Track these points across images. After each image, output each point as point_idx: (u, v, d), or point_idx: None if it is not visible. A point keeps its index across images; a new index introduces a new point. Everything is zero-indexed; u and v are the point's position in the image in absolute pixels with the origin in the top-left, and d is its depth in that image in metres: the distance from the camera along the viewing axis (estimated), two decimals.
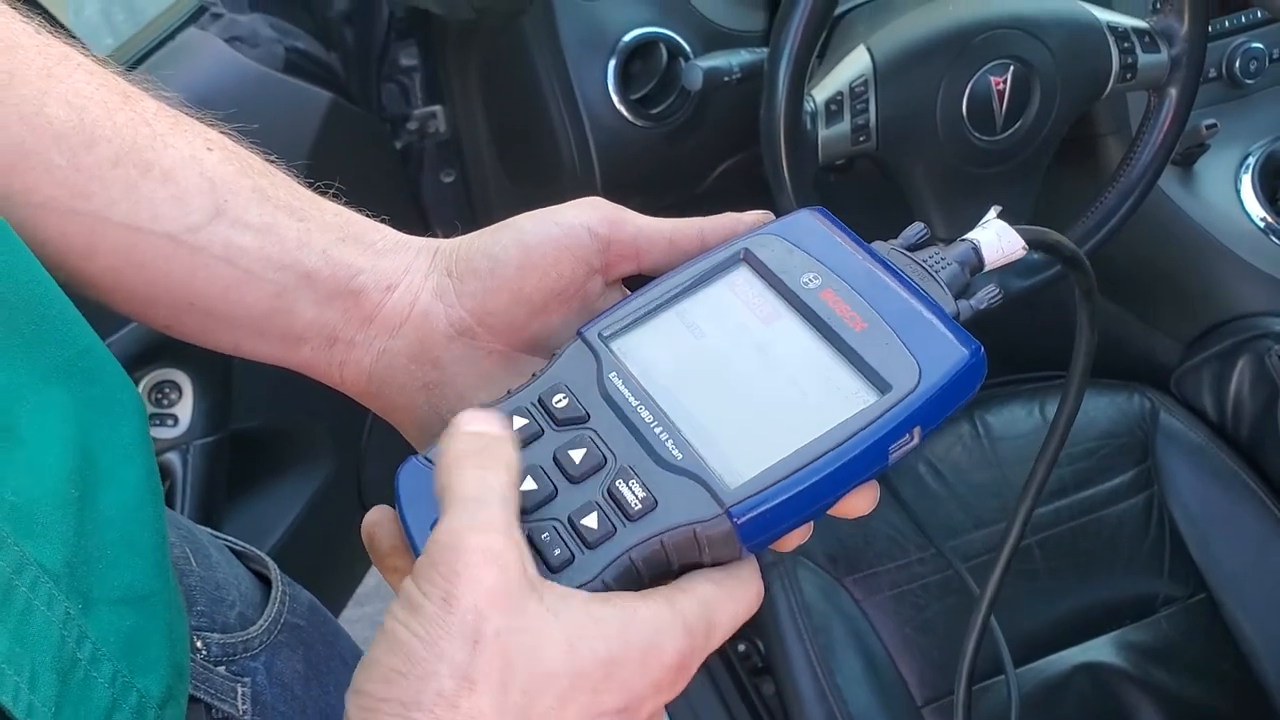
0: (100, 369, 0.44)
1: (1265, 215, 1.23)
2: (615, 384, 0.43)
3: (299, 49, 1.11)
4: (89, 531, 0.40)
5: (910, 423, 0.41)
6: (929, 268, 0.46)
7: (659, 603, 0.39)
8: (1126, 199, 1.08)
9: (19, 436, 0.39)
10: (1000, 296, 0.46)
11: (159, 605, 0.43)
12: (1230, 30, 1.26)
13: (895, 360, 0.42)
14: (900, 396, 0.41)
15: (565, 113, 1.13)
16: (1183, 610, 1.20)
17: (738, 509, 0.39)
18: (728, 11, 1.14)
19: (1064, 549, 1.21)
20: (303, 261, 0.47)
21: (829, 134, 1.00)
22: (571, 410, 0.43)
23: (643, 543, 0.40)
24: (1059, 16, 1.03)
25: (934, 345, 0.42)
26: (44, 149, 0.45)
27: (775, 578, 1.17)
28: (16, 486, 0.38)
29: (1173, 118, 1.06)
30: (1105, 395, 1.26)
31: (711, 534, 0.40)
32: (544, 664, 0.36)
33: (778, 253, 0.46)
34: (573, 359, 0.45)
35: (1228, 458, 1.22)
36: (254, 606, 0.58)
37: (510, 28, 1.16)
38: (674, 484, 0.40)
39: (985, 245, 0.47)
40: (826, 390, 0.42)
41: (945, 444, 1.25)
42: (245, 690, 0.54)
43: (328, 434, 1.17)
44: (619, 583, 0.40)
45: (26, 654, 0.37)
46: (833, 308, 0.44)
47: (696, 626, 0.39)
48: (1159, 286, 1.31)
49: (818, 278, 0.45)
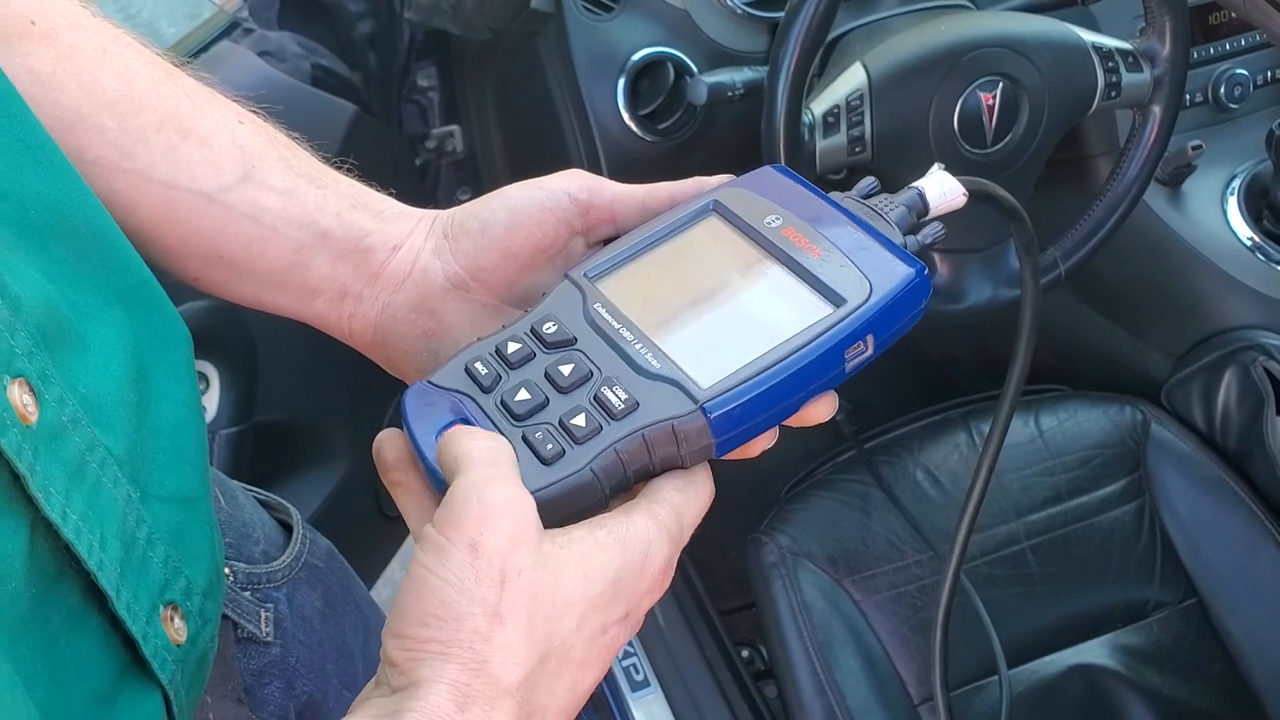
0: (155, 300, 0.49)
1: (1251, 234, 1.27)
2: (599, 311, 0.49)
3: (324, 66, 1.17)
4: (144, 435, 0.45)
5: (863, 330, 0.46)
6: (879, 210, 0.51)
7: (643, 517, 0.44)
8: (1113, 212, 1.13)
9: (87, 344, 0.44)
10: (943, 233, 0.51)
11: (202, 510, 0.48)
12: (1215, 57, 1.31)
13: (848, 279, 0.47)
14: (853, 308, 0.46)
15: (577, 127, 1.18)
16: (1174, 614, 1.23)
17: (710, 405, 0.44)
18: (731, 33, 1.20)
19: (1058, 554, 1.24)
20: (319, 222, 0.52)
21: (826, 145, 1.05)
22: (560, 334, 0.48)
23: (626, 437, 0.44)
24: (1046, 37, 1.09)
25: (882, 266, 0.48)
26: (98, 114, 0.51)
27: (776, 578, 1.20)
28: (87, 383, 0.43)
29: (1156, 134, 1.11)
30: (1098, 407, 1.30)
31: (688, 429, 0.44)
32: (563, 593, 0.41)
33: (743, 201, 0.52)
34: (560, 295, 0.50)
35: (1217, 467, 1.25)
36: (277, 546, 0.63)
37: (525, 48, 1.22)
38: (653, 388, 0.45)
39: (929, 190, 0.52)
40: (787, 307, 0.47)
41: (942, 452, 1.29)
42: (269, 615, 0.58)
43: (346, 433, 1.22)
44: (606, 474, 0.44)
45: (98, 520, 0.41)
46: (792, 240, 0.49)
47: (673, 531, 0.44)
48: (1149, 302, 1.35)
49: (779, 219, 0.50)
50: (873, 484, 1.27)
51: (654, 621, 1.34)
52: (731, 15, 1.20)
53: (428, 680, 0.38)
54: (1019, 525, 1.25)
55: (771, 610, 1.20)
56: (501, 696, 0.38)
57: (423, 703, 0.38)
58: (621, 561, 0.42)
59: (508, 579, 0.39)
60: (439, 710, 0.37)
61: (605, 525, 0.43)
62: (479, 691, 0.38)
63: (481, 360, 0.48)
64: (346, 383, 1.19)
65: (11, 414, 0.38)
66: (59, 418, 0.41)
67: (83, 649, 0.41)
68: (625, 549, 0.42)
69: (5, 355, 0.39)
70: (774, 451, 0.49)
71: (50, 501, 0.39)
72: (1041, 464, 1.28)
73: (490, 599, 0.39)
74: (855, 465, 1.30)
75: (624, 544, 0.43)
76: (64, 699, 0.39)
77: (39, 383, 0.40)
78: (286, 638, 0.59)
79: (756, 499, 1.33)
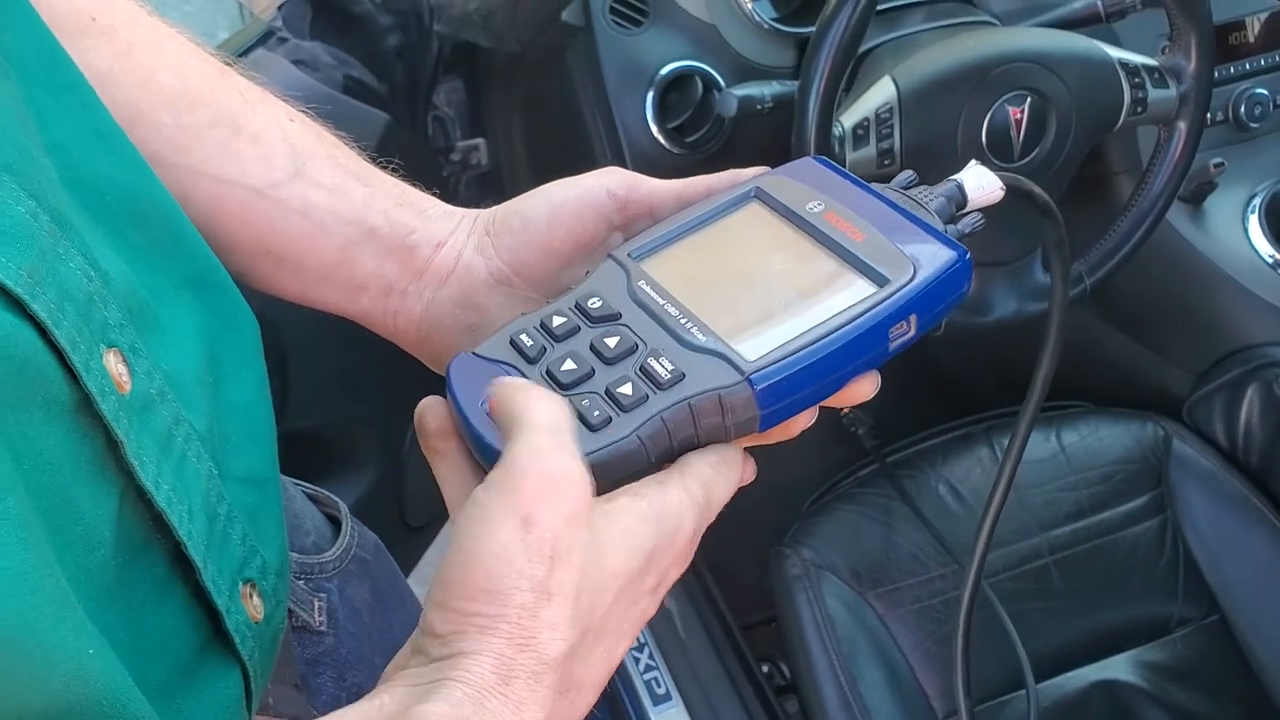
0: (224, 286, 0.50)
1: (1273, 251, 1.28)
2: (644, 289, 0.49)
3: (354, 77, 1.18)
4: (220, 415, 0.46)
5: (907, 310, 0.47)
6: (919, 200, 0.51)
7: (677, 490, 0.44)
8: (1139, 226, 1.13)
9: (163, 325, 0.44)
10: (983, 222, 0.52)
11: (273, 492, 0.48)
12: (1235, 76, 1.33)
13: (892, 260, 0.48)
14: (897, 287, 0.47)
15: (606, 140, 1.19)
16: (1197, 631, 1.23)
17: (757, 376, 0.45)
18: (759, 48, 1.21)
19: (1081, 569, 1.24)
20: (367, 219, 0.53)
21: (856, 157, 1.06)
22: (605, 309, 0.48)
23: (673, 405, 0.45)
24: (1073, 52, 1.10)
25: (926, 249, 0.48)
26: (154, 109, 0.52)
27: (800, 590, 1.20)
28: (168, 360, 0.43)
29: (1182, 150, 1.12)
30: (1120, 423, 1.30)
31: (734, 399, 0.45)
32: (607, 569, 0.41)
33: (785, 187, 0.52)
34: (605, 273, 0.50)
35: (1239, 483, 1.25)
36: (326, 539, 0.63)
37: (553, 61, 1.23)
38: (699, 360, 0.46)
39: (968, 183, 0.53)
40: (832, 288, 0.48)
41: (965, 467, 1.29)
42: (321, 604, 0.59)
43: (372, 443, 1.22)
44: (651, 442, 0.44)
45: (185, 492, 0.42)
46: (834, 224, 0.50)
47: (703, 505, 0.44)
48: (1171, 320, 1.36)
49: (820, 204, 0.51)
50: (895, 497, 1.27)
51: (675, 634, 1.34)
52: (759, 30, 1.21)
53: (471, 652, 0.38)
54: (1042, 540, 1.25)
55: (795, 623, 1.20)
56: (545, 670, 0.38)
57: (467, 674, 0.37)
58: (658, 534, 0.42)
59: (558, 556, 0.39)
60: (483, 682, 0.37)
61: (645, 496, 0.43)
62: (523, 665, 0.38)
63: (527, 333, 0.48)
64: (374, 392, 1.19)
65: (109, 382, 0.39)
66: (148, 390, 0.41)
67: (167, 620, 0.41)
68: (661, 521, 0.43)
69: (100, 326, 0.40)
70: (795, 466, 0.50)
71: (144, 470, 0.40)
72: (1064, 479, 1.28)
73: (539, 575, 0.39)
74: (878, 478, 1.30)
75: (660, 516, 0.43)
76: (146, 668, 0.39)
77: (130, 354, 0.40)
78: (338, 628, 0.60)
79: (777, 514, 1.33)
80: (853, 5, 0.99)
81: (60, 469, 0.36)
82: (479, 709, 0.37)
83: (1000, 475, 0.86)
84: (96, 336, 0.39)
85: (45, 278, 0.37)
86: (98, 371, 0.39)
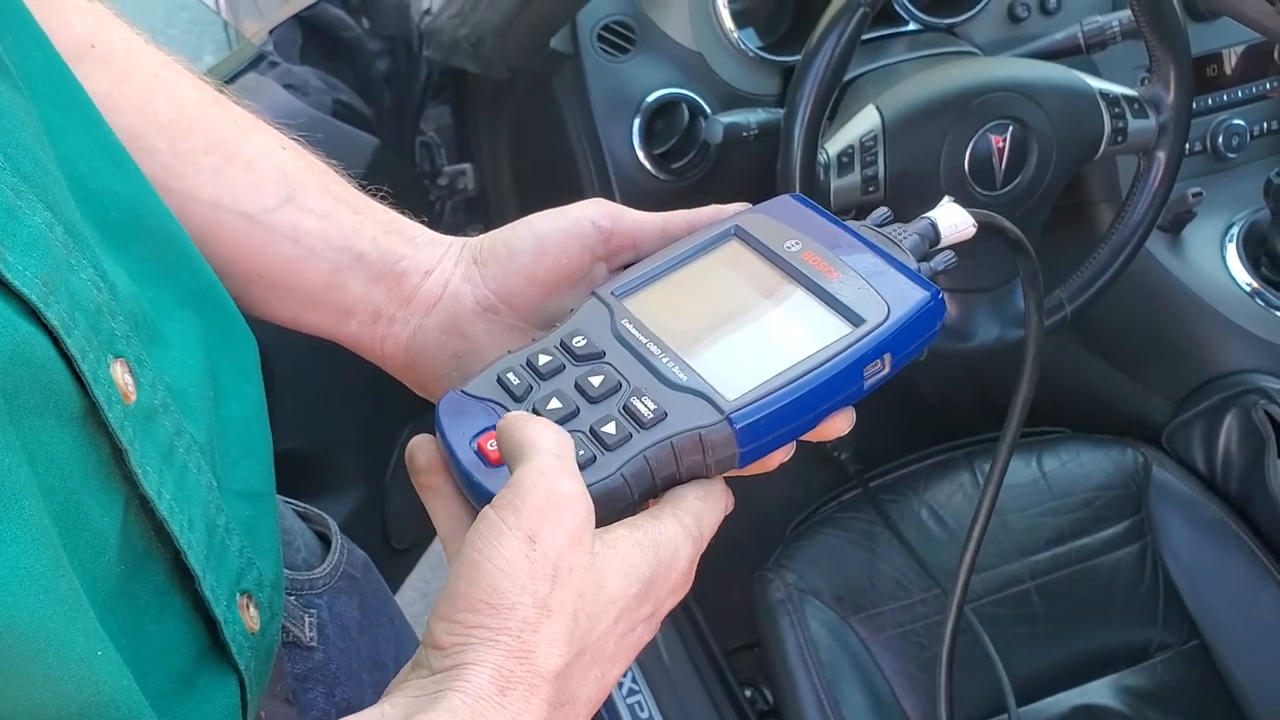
0: (224, 303, 0.50)
1: (1250, 280, 1.30)
2: (626, 328, 0.50)
3: (343, 101, 1.19)
4: (219, 429, 0.46)
5: (881, 349, 0.48)
6: (893, 238, 0.53)
7: (670, 521, 0.45)
8: (1119, 254, 1.15)
9: (167, 339, 0.45)
10: (955, 260, 0.53)
11: (269, 506, 0.49)
12: (1213, 108, 1.35)
13: (867, 300, 0.49)
14: (872, 327, 0.48)
15: (593, 166, 1.20)
16: (1177, 656, 1.23)
17: (736, 415, 0.46)
18: (745, 76, 1.22)
19: (1062, 594, 1.25)
20: (356, 245, 0.54)
21: (840, 184, 1.07)
22: (589, 348, 0.50)
23: (656, 444, 0.46)
24: (1055, 82, 1.11)
25: (900, 289, 0.49)
26: (150, 135, 0.53)
27: (783, 614, 1.21)
28: (171, 373, 0.44)
29: (1161, 179, 1.13)
30: (1100, 449, 1.32)
31: (714, 438, 0.46)
32: (606, 593, 0.42)
33: (764, 226, 0.54)
34: (588, 312, 0.52)
35: (1218, 509, 1.27)
36: (316, 555, 0.64)
37: (541, 87, 1.24)
38: (680, 399, 0.47)
39: (941, 221, 0.54)
40: (808, 327, 0.49)
41: (947, 491, 1.30)
42: (312, 620, 0.59)
43: (356, 465, 1.22)
44: (635, 480, 0.46)
45: (186, 502, 0.42)
46: (811, 264, 0.51)
47: (696, 535, 0.46)
48: (1150, 347, 1.37)
49: (798, 243, 0.52)
50: (878, 522, 1.28)
51: (659, 659, 1.34)
52: (744, 58, 1.22)
53: (472, 663, 0.39)
54: (1023, 565, 1.26)
55: (778, 647, 1.20)
56: (541, 684, 0.40)
57: (467, 684, 0.39)
58: (656, 562, 0.44)
59: (560, 574, 0.40)
60: (482, 692, 0.38)
61: (641, 527, 0.44)
62: (521, 678, 0.39)
63: (513, 371, 0.49)
64: (358, 415, 1.20)
65: (115, 391, 0.40)
66: (152, 401, 0.42)
67: (167, 629, 0.42)
68: (658, 552, 0.44)
69: (108, 336, 0.40)
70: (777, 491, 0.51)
71: (147, 479, 0.40)
72: (1044, 505, 1.29)
73: (541, 592, 0.40)
74: (860, 503, 1.31)
75: (657, 546, 0.44)
76: (147, 676, 0.39)
77: (136, 365, 0.41)
78: (328, 644, 0.60)
79: (761, 538, 1.33)
80: (838, 35, 1.00)
81: (70, 475, 0.37)
82: (477, 717, 0.38)
83: (981, 502, 0.87)
84: (104, 346, 0.40)
85: (58, 287, 0.38)
86: (105, 380, 0.39)
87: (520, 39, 1.16)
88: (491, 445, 0.46)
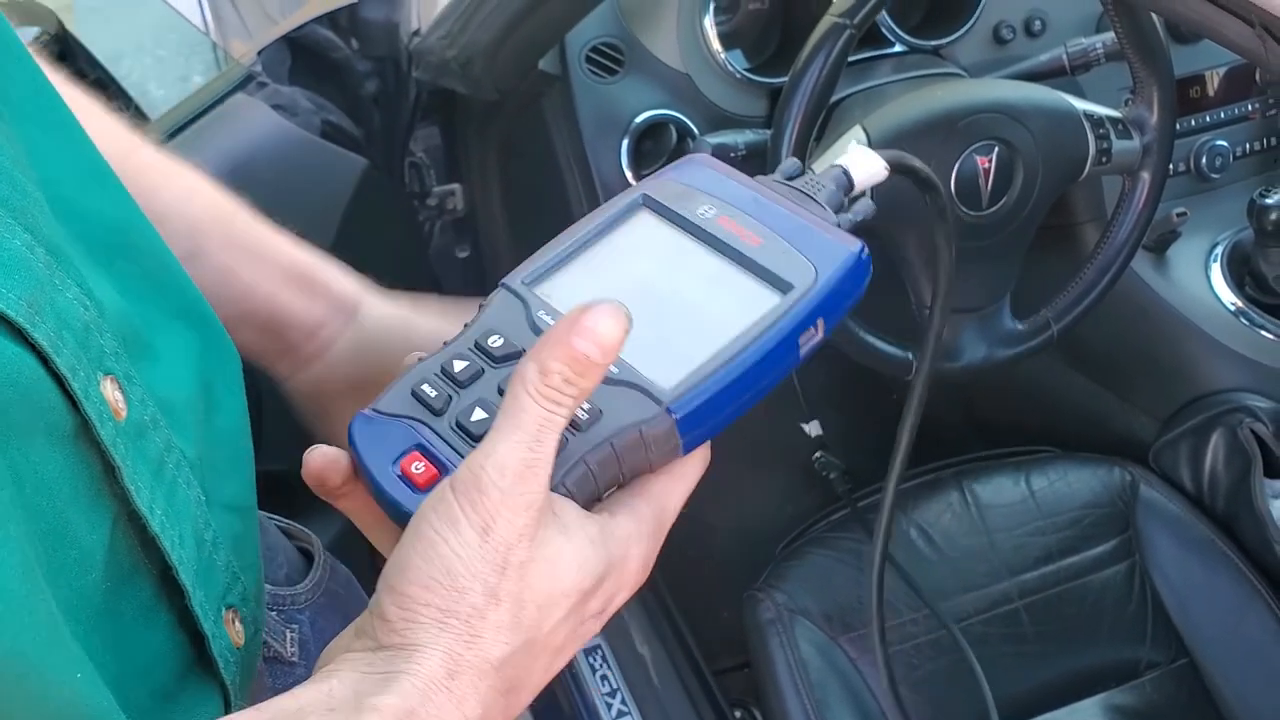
0: (209, 317, 0.51)
1: (1235, 299, 1.31)
2: (545, 320, 0.47)
3: (332, 122, 1.19)
4: (209, 443, 0.46)
5: (815, 315, 0.46)
6: (808, 191, 0.50)
7: (626, 517, 0.45)
8: (1104, 274, 1.16)
9: (157, 354, 0.45)
10: (874, 209, 0.51)
11: (253, 520, 0.49)
12: (1196, 129, 1.36)
13: (792, 265, 0.47)
14: (802, 293, 0.46)
15: (581, 186, 1.21)
16: (1165, 675, 1.23)
17: (676, 405, 0.44)
18: (732, 97, 1.23)
19: (1050, 614, 1.25)
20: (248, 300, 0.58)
21: None
22: (507, 348, 0.47)
23: (595, 448, 0.44)
24: (1040, 103, 1.12)
25: (824, 248, 0.47)
26: None
27: (773, 634, 1.21)
28: (161, 388, 0.44)
29: (1146, 200, 1.14)
30: (1087, 468, 1.32)
31: (655, 431, 0.44)
32: (557, 587, 0.42)
33: (673, 192, 0.50)
34: (501, 306, 0.48)
35: (1205, 528, 1.27)
36: (299, 571, 0.64)
37: (530, 108, 1.25)
38: (614, 394, 0.44)
39: (853, 167, 0.52)
40: (736, 299, 0.47)
41: (935, 511, 1.30)
42: (294, 636, 0.59)
43: None
44: (578, 487, 0.44)
45: (176, 518, 0.42)
46: (730, 229, 0.48)
47: (653, 528, 0.45)
48: (1137, 366, 1.38)
49: (712, 208, 0.49)
50: (866, 541, 1.28)
51: (649, 680, 1.34)
52: (732, 80, 1.23)
53: (423, 645, 0.39)
54: (1012, 584, 1.26)
55: (768, 667, 1.20)
56: (488, 670, 0.40)
57: (418, 667, 0.39)
58: (606, 560, 0.43)
59: (509, 567, 0.40)
60: (433, 675, 0.39)
61: (596, 521, 0.44)
62: (469, 663, 0.40)
63: (428, 382, 0.46)
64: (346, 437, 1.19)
65: (107, 409, 0.40)
66: (142, 417, 0.42)
67: (152, 644, 0.42)
68: (610, 547, 0.44)
69: (97, 354, 0.41)
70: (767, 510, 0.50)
71: (139, 495, 0.41)
72: (1033, 523, 1.29)
73: (490, 580, 0.40)
74: (849, 522, 1.31)
75: (609, 542, 0.44)
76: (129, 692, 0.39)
77: (125, 382, 0.41)
78: (310, 660, 0.60)
79: (750, 558, 1.33)
80: (824, 56, 1.01)
81: (59, 494, 0.37)
82: (425, 701, 0.39)
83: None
84: (94, 364, 0.40)
85: (44, 307, 0.38)
86: (96, 398, 0.39)
87: (509, 60, 1.17)
88: (416, 468, 0.44)
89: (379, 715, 0.38)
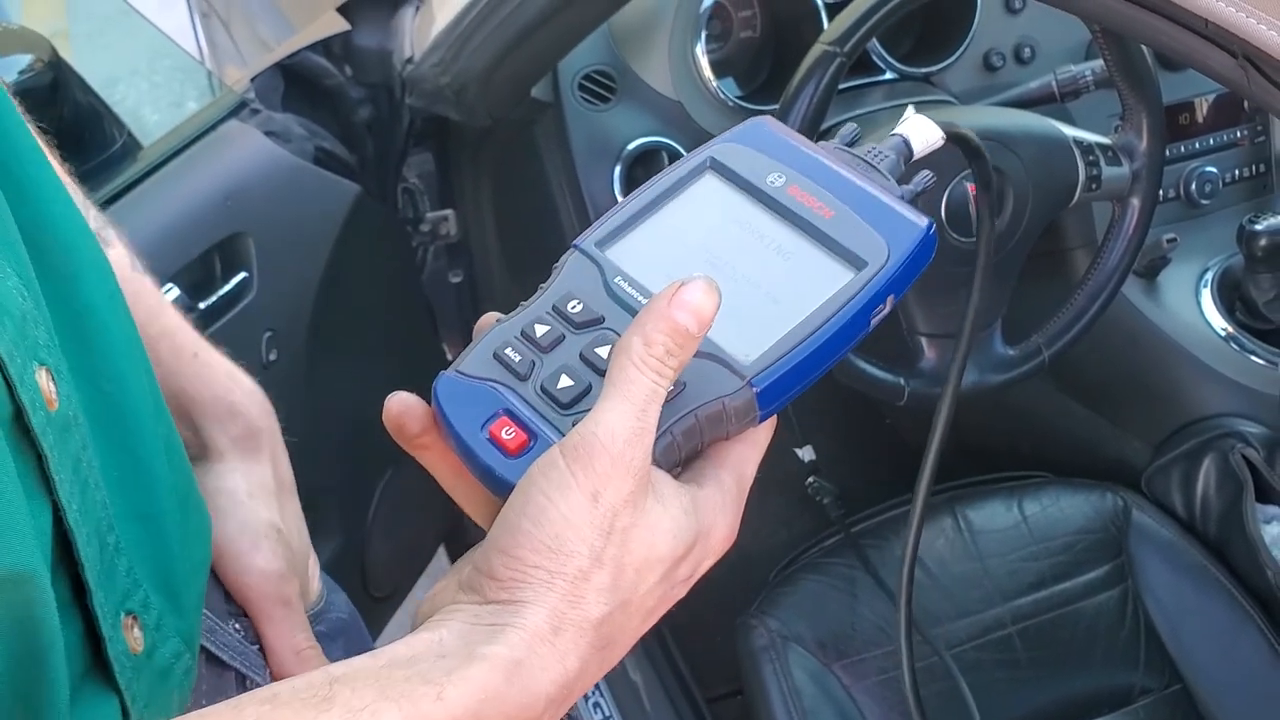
0: None
1: (1225, 325, 1.31)
2: (621, 286, 0.48)
3: (325, 148, 1.19)
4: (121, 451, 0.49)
5: (886, 291, 0.47)
6: (870, 160, 0.51)
7: (713, 488, 0.47)
8: (1095, 300, 1.16)
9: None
10: (934, 179, 0.52)
11: (156, 530, 0.51)
12: (1186, 155, 1.37)
13: (865, 240, 0.48)
14: (875, 270, 0.47)
15: (573, 212, 1.21)
16: (1159, 700, 1.23)
17: (757, 379, 0.45)
18: (723, 124, 1.23)
19: (1044, 639, 1.25)
20: None
21: None
22: (586, 314, 0.47)
23: (680, 419, 0.45)
24: (1030, 130, 1.13)
25: (895, 224, 0.48)
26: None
27: (766, 661, 1.20)
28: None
29: (1136, 226, 1.15)
30: (1080, 494, 1.32)
31: (736, 404, 0.45)
32: (654, 553, 0.44)
33: (741, 158, 0.51)
34: (575, 269, 0.49)
35: (1197, 553, 1.27)
36: None
37: (523, 135, 1.25)
38: (697, 367, 0.46)
39: (913, 137, 0.53)
40: (810, 273, 0.48)
41: (929, 537, 1.30)
42: None
43: (336, 512, 1.21)
44: (664, 456, 0.45)
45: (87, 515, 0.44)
46: (801, 200, 0.49)
47: (735, 495, 0.47)
48: (1128, 392, 1.38)
49: (781, 176, 0.50)
50: (860, 567, 1.28)
51: (640, 707, 1.33)
52: (723, 107, 1.24)
53: (530, 602, 0.42)
54: (1005, 610, 1.26)
55: (762, 695, 1.19)
56: (588, 629, 0.42)
57: (525, 620, 0.41)
58: (698, 530, 0.45)
59: (613, 532, 0.43)
60: (539, 630, 0.41)
61: (688, 491, 0.46)
62: (572, 620, 0.42)
63: (511, 346, 0.47)
64: (339, 465, 1.20)
65: (40, 397, 0.41)
66: (67, 412, 0.43)
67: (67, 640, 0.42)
68: (701, 516, 0.45)
69: (32, 344, 0.42)
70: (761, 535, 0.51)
71: (61, 488, 0.42)
72: (1026, 549, 1.29)
73: (596, 545, 0.42)
74: (843, 548, 1.31)
75: (700, 511, 0.46)
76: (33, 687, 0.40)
77: (56, 375, 0.43)
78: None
79: (743, 583, 1.33)
80: (815, 84, 1.02)
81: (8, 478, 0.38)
82: (530, 653, 0.41)
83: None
84: (30, 353, 0.41)
85: None
86: (31, 385, 0.41)
87: (502, 88, 1.17)
88: (507, 434, 0.45)
89: (488, 663, 0.40)
